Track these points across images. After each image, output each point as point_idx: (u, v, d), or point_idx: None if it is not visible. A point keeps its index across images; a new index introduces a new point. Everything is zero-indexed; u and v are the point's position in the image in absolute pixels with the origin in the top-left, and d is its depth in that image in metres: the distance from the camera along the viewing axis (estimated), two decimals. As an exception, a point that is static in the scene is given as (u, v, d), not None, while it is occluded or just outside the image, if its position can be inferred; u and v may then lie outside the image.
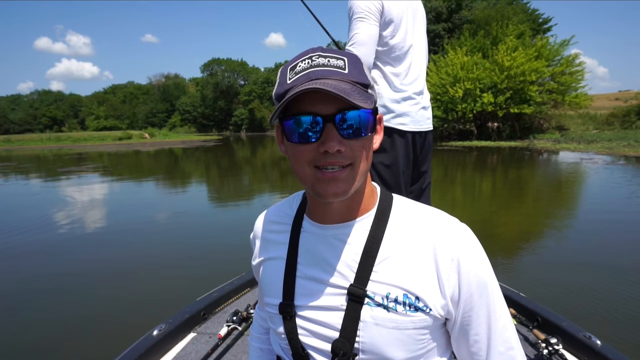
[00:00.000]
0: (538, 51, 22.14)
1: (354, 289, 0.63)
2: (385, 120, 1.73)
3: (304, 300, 0.67)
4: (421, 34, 1.84)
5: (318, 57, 0.60)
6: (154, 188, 10.87)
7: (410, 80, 1.77)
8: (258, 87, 55.52)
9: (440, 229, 0.64)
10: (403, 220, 0.67)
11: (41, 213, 7.33)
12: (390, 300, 0.62)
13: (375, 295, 0.62)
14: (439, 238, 0.63)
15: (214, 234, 5.86)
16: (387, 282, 0.62)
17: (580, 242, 4.99)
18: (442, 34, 30.50)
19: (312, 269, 0.68)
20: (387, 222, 0.67)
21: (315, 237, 0.69)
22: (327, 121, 0.57)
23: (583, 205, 7.26)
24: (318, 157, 0.59)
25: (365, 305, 0.62)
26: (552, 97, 22.27)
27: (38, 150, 29.44)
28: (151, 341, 1.57)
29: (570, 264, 4.17)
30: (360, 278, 0.63)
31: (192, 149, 26.52)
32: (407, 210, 0.69)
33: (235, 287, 2.14)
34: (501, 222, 6.17)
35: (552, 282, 3.65)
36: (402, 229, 0.66)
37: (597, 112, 26.50)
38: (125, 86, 74.94)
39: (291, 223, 0.74)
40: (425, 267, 0.62)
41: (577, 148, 17.02)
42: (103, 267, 4.46)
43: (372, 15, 1.67)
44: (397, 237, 0.65)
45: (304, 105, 0.58)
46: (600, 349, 1.46)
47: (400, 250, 0.64)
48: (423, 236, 0.64)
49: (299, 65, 0.60)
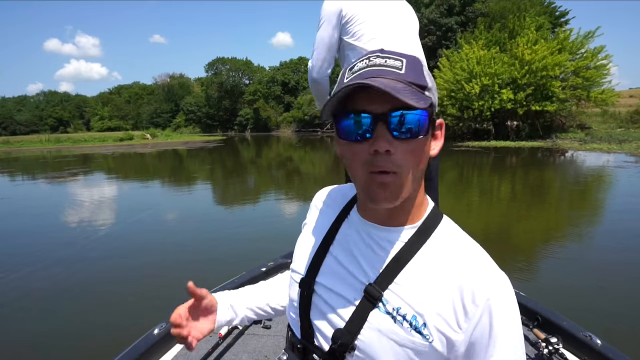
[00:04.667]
0: (561, 44, 20.54)
1: (371, 289, 0.64)
2: None
3: (325, 281, 0.69)
4: (401, 31, 1.85)
5: (376, 57, 0.60)
6: (127, 209, 9.37)
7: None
8: (263, 86, 54.41)
9: (478, 270, 0.61)
10: (443, 245, 0.65)
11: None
12: (399, 314, 0.62)
13: (388, 303, 0.63)
14: (473, 278, 0.61)
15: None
16: (403, 296, 0.62)
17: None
18: (454, 28, 29.00)
19: (341, 256, 0.70)
20: (426, 240, 0.66)
21: (354, 228, 0.71)
22: (378, 120, 0.57)
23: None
24: (369, 159, 0.59)
25: (376, 308, 0.63)
26: (576, 93, 20.63)
27: (37, 152, 28.58)
28: (152, 340, 1.56)
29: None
30: (381, 282, 0.64)
31: (192, 151, 25.50)
32: (451, 236, 0.67)
33: (236, 285, 2.03)
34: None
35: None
36: (439, 253, 0.64)
37: (615, 110, 24.71)
38: (131, 86, 74.52)
39: (342, 206, 0.76)
40: (446, 300, 0.61)
41: (611, 149, 15.37)
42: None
43: (328, 20, 1.82)
44: (431, 259, 0.64)
45: (359, 103, 0.59)
46: (600, 349, 1.44)
47: (428, 273, 0.63)
48: (458, 269, 0.62)
49: (357, 66, 0.61)
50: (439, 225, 0.68)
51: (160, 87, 69.00)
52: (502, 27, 23.91)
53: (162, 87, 68.60)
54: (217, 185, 11.59)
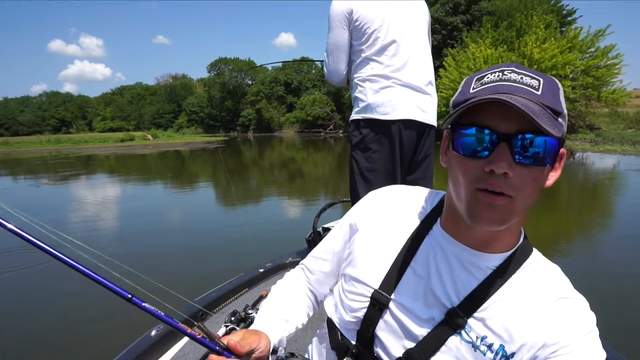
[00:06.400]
0: (571, 42, 19.99)
1: (455, 314, 0.61)
2: (367, 113, 1.79)
3: (401, 299, 0.66)
4: (411, 26, 1.81)
5: (511, 72, 0.56)
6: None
7: (396, 68, 1.76)
8: (266, 87, 53.98)
9: (571, 310, 0.60)
10: (535, 277, 0.63)
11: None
12: (484, 343, 0.60)
13: (472, 331, 0.60)
14: (565, 317, 0.59)
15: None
16: (490, 325, 0.60)
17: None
18: (460, 27, 28.47)
19: (422, 274, 0.66)
20: (517, 270, 0.63)
21: (439, 246, 0.66)
22: (502, 139, 0.53)
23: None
24: (482, 177, 0.55)
25: (457, 334, 0.61)
26: (586, 93, 20.06)
27: (36, 153, 28.30)
28: (149, 342, 1.55)
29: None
30: (467, 307, 0.61)
31: (193, 152, 25.08)
32: (543, 269, 0.65)
33: (234, 287, 2.10)
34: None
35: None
36: (531, 285, 0.62)
37: (623, 110, 24.05)
38: (133, 87, 74.35)
39: (422, 219, 0.70)
40: (536, 335, 0.59)
41: (626, 150, 14.77)
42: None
43: (339, 23, 1.78)
44: (522, 290, 0.62)
45: (483, 117, 0.55)
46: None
47: (519, 304, 0.61)
48: (549, 305, 0.60)
49: (487, 77, 0.57)
50: (530, 256, 0.65)
51: (163, 87, 68.73)
52: (509, 25, 23.42)
53: (164, 87, 68.32)
54: (220, 186, 11.14)
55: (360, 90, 1.82)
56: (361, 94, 1.81)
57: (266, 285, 2.27)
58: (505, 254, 0.63)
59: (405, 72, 1.77)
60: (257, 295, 2.06)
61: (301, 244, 2.67)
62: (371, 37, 1.76)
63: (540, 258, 0.66)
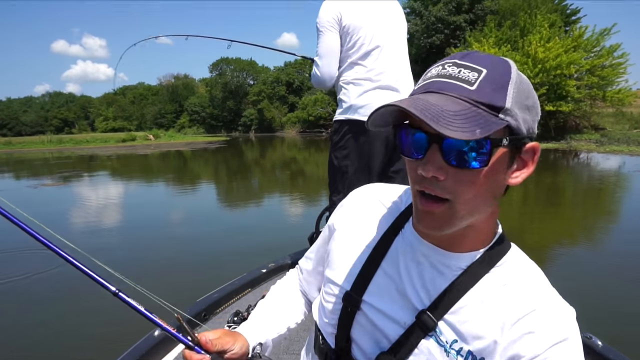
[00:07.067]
0: (575, 41, 19.75)
1: (425, 317, 0.58)
2: (350, 114, 1.87)
3: (372, 300, 0.64)
4: (393, 32, 1.91)
5: (451, 65, 0.52)
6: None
7: (379, 72, 1.85)
8: (267, 87, 53.80)
9: (545, 310, 0.56)
10: (508, 277, 0.59)
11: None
12: (453, 348, 0.57)
13: (442, 334, 0.58)
14: (539, 318, 0.55)
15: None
16: (460, 329, 0.57)
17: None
18: (463, 26, 28.21)
19: (393, 274, 0.63)
20: (489, 270, 0.59)
21: (409, 245, 0.64)
22: (433, 141, 0.51)
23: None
24: (418, 178, 0.54)
25: (429, 337, 0.58)
26: (591, 92, 19.80)
27: (38, 153, 28.27)
28: (152, 342, 1.56)
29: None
30: (437, 309, 0.58)
31: (193, 152, 24.97)
32: (517, 268, 0.60)
33: (236, 287, 2.12)
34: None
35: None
36: (503, 285, 0.58)
37: (627, 110, 23.71)
38: (136, 87, 74.33)
39: (395, 216, 0.68)
40: (507, 338, 0.56)
41: (633, 151, 14.53)
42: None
43: (331, 27, 1.85)
44: (494, 291, 0.58)
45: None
46: (601, 350, 1.45)
47: (489, 306, 0.57)
48: (522, 306, 0.56)
49: (430, 72, 0.55)
50: (506, 255, 0.61)
51: (165, 87, 68.68)
52: (512, 24, 23.20)
53: (166, 87, 68.27)
54: (222, 186, 11.00)
55: (344, 92, 1.91)
56: (345, 95, 1.91)
57: (268, 285, 2.26)
58: (476, 252, 0.59)
59: (388, 75, 1.87)
60: (260, 296, 2.07)
61: (304, 244, 2.68)
62: (357, 43, 1.85)
63: (517, 257, 0.62)
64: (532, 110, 0.53)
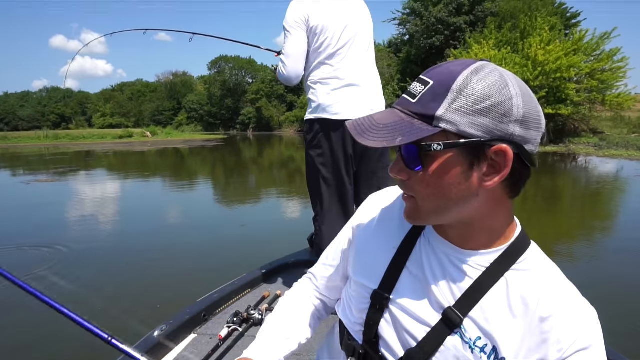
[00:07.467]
0: (575, 44, 19.73)
1: (451, 313, 0.60)
2: (319, 113, 1.91)
3: (400, 298, 0.66)
4: (359, 32, 1.93)
5: (417, 80, 0.58)
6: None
7: (345, 71, 1.89)
8: (266, 85, 53.58)
9: (567, 309, 0.57)
10: (528, 275, 0.60)
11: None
12: (477, 345, 0.59)
13: (467, 331, 0.60)
14: (561, 317, 0.57)
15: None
16: (483, 326, 0.59)
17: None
18: (463, 28, 28.17)
19: (418, 274, 0.66)
20: (509, 267, 0.60)
21: (431, 246, 0.66)
22: (398, 149, 0.58)
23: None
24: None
25: (455, 334, 0.60)
26: (591, 96, 19.79)
27: (34, 148, 28.07)
28: (152, 342, 1.58)
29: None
30: (462, 306, 0.60)
31: (190, 149, 24.80)
32: (537, 265, 0.61)
33: (236, 288, 2.12)
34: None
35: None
36: (523, 283, 0.60)
37: (625, 114, 23.69)
38: (134, 84, 74.00)
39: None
40: (529, 337, 0.57)
41: (632, 155, 14.47)
42: None
43: (298, 27, 1.88)
44: (514, 288, 0.59)
45: None
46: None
47: (511, 303, 0.59)
48: (544, 304, 0.57)
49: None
50: (525, 252, 0.62)
51: (163, 84, 68.41)
52: (513, 27, 23.18)
53: (164, 84, 68.00)
54: (219, 184, 10.88)
55: (312, 92, 1.95)
56: (313, 95, 1.94)
57: (268, 286, 2.26)
58: (495, 250, 0.61)
59: (354, 74, 1.91)
60: (260, 296, 2.08)
61: (303, 245, 2.66)
62: (324, 43, 1.88)
63: (536, 254, 0.63)
64: (491, 114, 0.52)
